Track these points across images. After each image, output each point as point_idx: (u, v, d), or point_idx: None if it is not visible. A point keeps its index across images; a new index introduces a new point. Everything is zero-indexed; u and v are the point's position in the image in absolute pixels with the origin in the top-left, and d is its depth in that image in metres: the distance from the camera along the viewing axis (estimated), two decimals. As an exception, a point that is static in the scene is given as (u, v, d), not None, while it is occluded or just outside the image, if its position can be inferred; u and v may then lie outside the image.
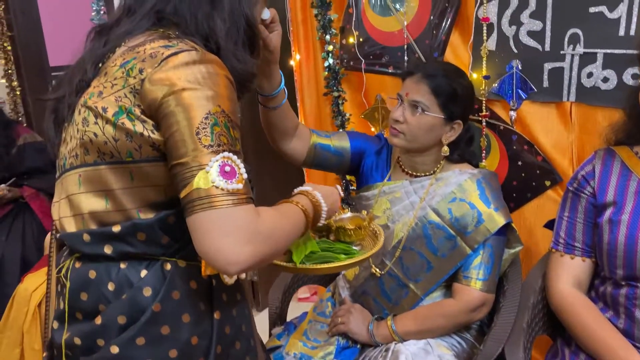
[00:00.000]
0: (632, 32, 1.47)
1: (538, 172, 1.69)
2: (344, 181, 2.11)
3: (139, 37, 0.92)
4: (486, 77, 1.70)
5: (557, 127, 1.65)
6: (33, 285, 1.94)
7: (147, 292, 0.89)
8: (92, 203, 0.90)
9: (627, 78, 1.50)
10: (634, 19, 1.47)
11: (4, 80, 2.81)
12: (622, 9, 1.47)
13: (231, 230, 0.79)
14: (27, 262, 2.32)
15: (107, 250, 0.89)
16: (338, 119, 2.09)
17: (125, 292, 0.89)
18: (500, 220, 1.41)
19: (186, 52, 0.85)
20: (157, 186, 0.89)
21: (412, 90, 1.43)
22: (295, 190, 1.05)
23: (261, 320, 1.55)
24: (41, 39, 3.02)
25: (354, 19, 1.94)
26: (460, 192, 1.43)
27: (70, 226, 0.93)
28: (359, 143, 1.60)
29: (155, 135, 0.85)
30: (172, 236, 0.90)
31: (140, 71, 0.85)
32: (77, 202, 0.92)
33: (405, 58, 1.85)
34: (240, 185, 0.81)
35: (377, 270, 1.50)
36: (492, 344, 1.33)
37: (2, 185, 2.39)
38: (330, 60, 2.04)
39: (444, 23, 1.76)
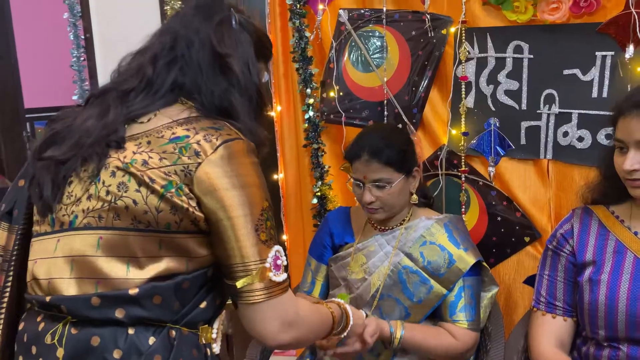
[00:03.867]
0: (604, 95, 1.53)
1: (517, 228, 1.70)
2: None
3: (175, 109, 0.95)
4: (465, 134, 1.73)
5: (534, 183, 1.68)
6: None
7: None
8: (113, 268, 0.87)
9: (601, 138, 1.55)
10: (606, 82, 1.53)
11: (-24, 123, 2.76)
12: (594, 72, 1.53)
13: (278, 316, 0.90)
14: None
15: (119, 314, 0.86)
16: (317, 170, 2.09)
17: None
18: (470, 260, 1.44)
19: (235, 142, 0.90)
20: (182, 257, 0.90)
21: (366, 171, 1.46)
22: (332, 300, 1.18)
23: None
24: (17, 82, 3.00)
25: (334, 73, 1.97)
26: (429, 235, 1.47)
27: (70, 288, 0.88)
28: (323, 247, 1.65)
29: (199, 212, 0.88)
30: (182, 302, 0.91)
31: (197, 154, 0.88)
32: (92, 265, 0.87)
33: (385, 113, 1.88)
34: (286, 275, 0.92)
35: None
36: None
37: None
38: (311, 113, 2.05)
39: (423, 80, 1.79)
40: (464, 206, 1.77)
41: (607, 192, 1.32)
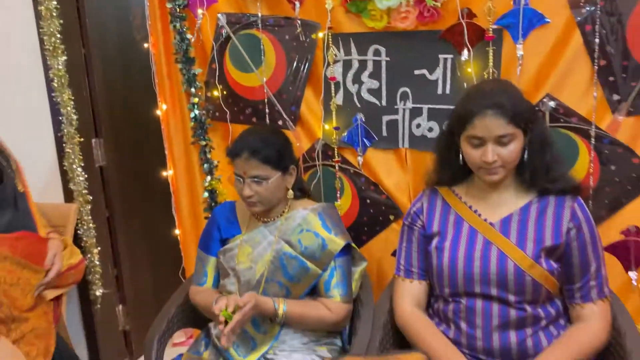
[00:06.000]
0: (447, 91, 1.80)
1: (383, 208, 1.95)
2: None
3: None
4: (336, 128, 1.94)
5: (396, 169, 1.93)
6: None
7: None
8: None
9: (446, 128, 1.82)
10: (448, 81, 1.80)
11: None
12: (438, 73, 1.80)
13: None
14: None
15: None
16: (206, 166, 2.21)
17: None
18: (340, 243, 1.65)
19: None
20: None
21: (246, 168, 1.60)
22: None
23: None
24: None
25: (217, 73, 2.09)
26: (305, 224, 1.66)
27: None
28: (212, 241, 1.78)
29: None
30: None
31: None
32: None
33: (267, 110, 2.04)
34: None
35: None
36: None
37: None
38: (196, 112, 2.16)
39: (298, 80, 1.98)
40: (339, 192, 1.99)
41: (449, 176, 1.58)
